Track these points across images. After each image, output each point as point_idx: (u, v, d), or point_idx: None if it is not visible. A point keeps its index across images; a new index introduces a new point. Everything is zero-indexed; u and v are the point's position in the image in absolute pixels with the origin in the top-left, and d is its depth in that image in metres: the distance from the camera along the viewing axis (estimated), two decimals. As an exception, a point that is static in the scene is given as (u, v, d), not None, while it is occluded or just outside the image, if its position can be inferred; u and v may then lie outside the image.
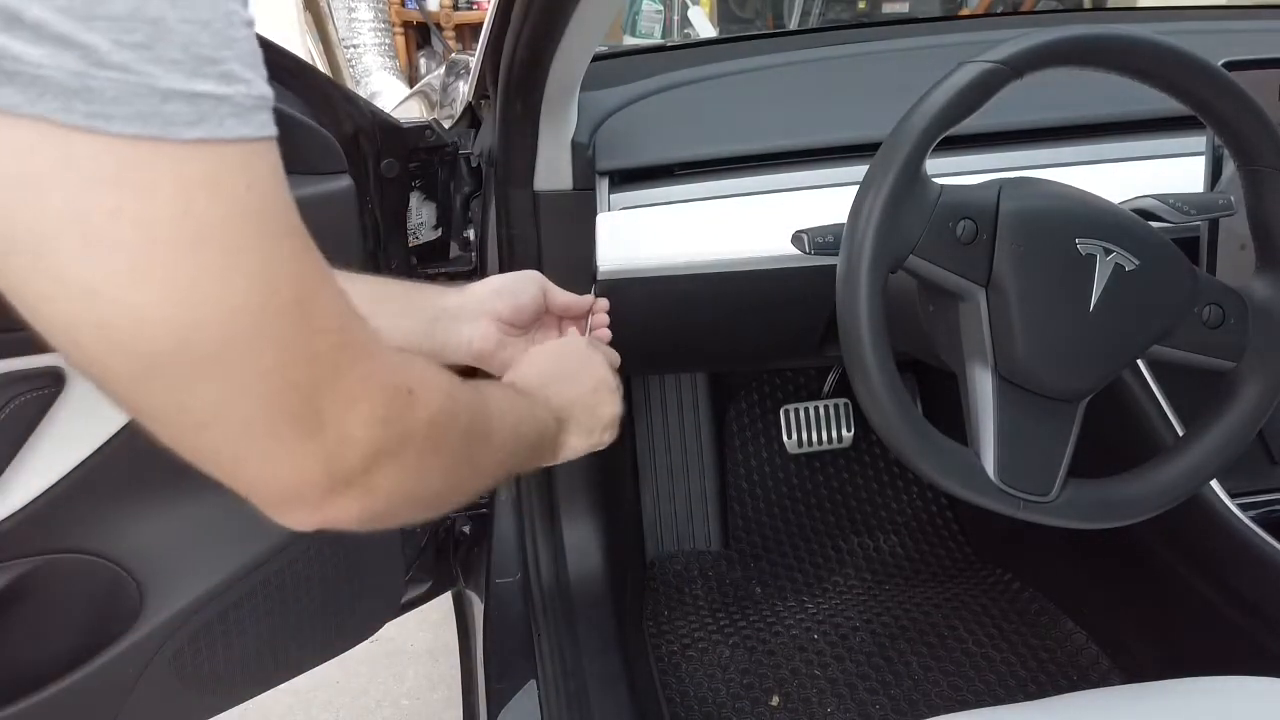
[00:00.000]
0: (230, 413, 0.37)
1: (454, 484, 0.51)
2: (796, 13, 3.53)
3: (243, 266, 0.35)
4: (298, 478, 0.40)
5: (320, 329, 0.38)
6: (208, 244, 0.34)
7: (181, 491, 0.89)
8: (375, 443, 0.41)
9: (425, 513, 0.49)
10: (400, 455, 0.43)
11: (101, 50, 0.30)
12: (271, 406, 0.37)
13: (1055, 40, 0.68)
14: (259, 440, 0.38)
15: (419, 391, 0.44)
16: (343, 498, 0.41)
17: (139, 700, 0.90)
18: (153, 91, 0.31)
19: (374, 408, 0.41)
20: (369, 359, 0.41)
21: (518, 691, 1.00)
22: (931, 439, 0.69)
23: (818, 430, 1.61)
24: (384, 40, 3.25)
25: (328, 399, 0.39)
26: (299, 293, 0.37)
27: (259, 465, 0.39)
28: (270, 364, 0.37)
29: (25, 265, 0.33)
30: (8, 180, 0.31)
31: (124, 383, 0.37)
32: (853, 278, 0.67)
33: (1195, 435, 0.75)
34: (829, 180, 0.96)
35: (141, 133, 0.31)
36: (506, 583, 1.14)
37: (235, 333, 0.35)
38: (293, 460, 0.39)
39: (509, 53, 0.86)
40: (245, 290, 0.35)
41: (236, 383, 0.36)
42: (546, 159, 0.96)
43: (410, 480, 0.45)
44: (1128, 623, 1.26)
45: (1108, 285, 0.71)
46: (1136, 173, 0.94)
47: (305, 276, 0.38)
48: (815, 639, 1.37)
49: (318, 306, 0.38)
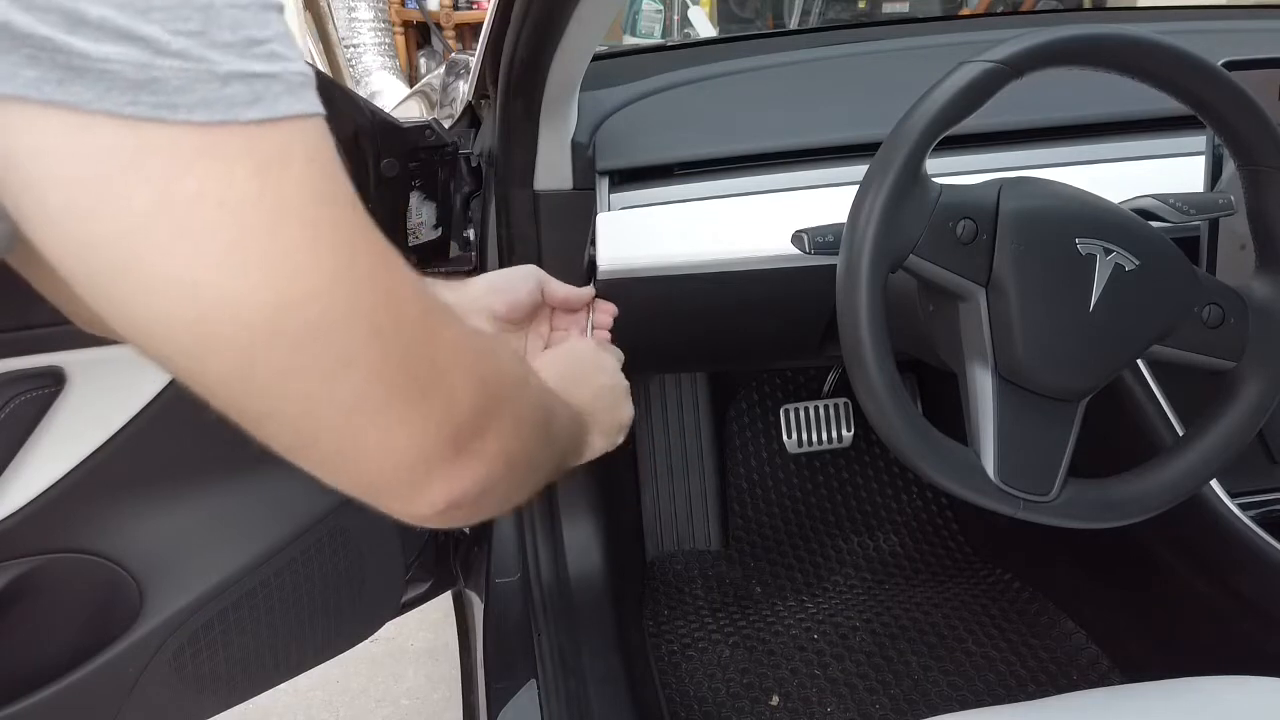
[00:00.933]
0: (338, 391, 0.37)
1: (538, 453, 0.51)
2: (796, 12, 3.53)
3: (324, 239, 0.35)
4: (418, 447, 0.39)
5: (403, 295, 0.38)
6: (288, 221, 0.34)
7: (181, 491, 0.89)
8: (477, 403, 0.41)
9: (521, 486, 0.49)
10: (498, 416, 0.43)
11: (161, 41, 0.31)
12: (375, 377, 0.37)
13: (1055, 40, 0.68)
14: (371, 415, 0.38)
15: (500, 356, 0.45)
16: (459, 466, 0.41)
17: (139, 700, 0.91)
18: (213, 76, 0.32)
19: (469, 367, 0.41)
20: (452, 321, 0.42)
21: (518, 691, 1.00)
22: (931, 439, 0.69)
23: (818, 430, 1.61)
24: (384, 40, 3.25)
25: (426, 363, 0.39)
26: (376, 260, 0.37)
27: (377, 443, 0.38)
28: (365, 334, 0.36)
29: (110, 266, 0.32)
30: (83, 182, 0.31)
31: (226, 377, 0.36)
32: (853, 277, 0.67)
33: (1195, 435, 0.75)
34: (829, 180, 0.96)
35: (208, 118, 0.32)
36: (506, 582, 1.14)
37: (328, 306, 0.35)
38: (408, 430, 0.39)
39: (509, 52, 0.86)
40: (331, 262, 0.35)
41: (337, 358, 0.36)
42: (546, 159, 0.96)
43: (512, 442, 0.45)
44: (1128, 622, 1.26)
45: (1108, 285, 0.71)
46: (1136, 172, 0.94)
47: (377, 245, 0.38)
48: (815, 638, 1.37)
49: (395, 273, 0.38)
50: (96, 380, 0.81)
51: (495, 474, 0.44)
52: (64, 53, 0.30)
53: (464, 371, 0.41)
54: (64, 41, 0.29)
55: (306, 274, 0.34)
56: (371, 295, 0.37)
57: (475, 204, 1.08)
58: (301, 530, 0.98)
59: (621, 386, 0.78)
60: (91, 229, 0.32)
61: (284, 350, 0.35)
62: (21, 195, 0.32)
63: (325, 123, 0.36)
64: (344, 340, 0.36)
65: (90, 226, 0.32)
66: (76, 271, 0.33)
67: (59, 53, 0.30)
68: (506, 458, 0.44)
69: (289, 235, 0.34)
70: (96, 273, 0.33)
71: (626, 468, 1.53)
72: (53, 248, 0.33)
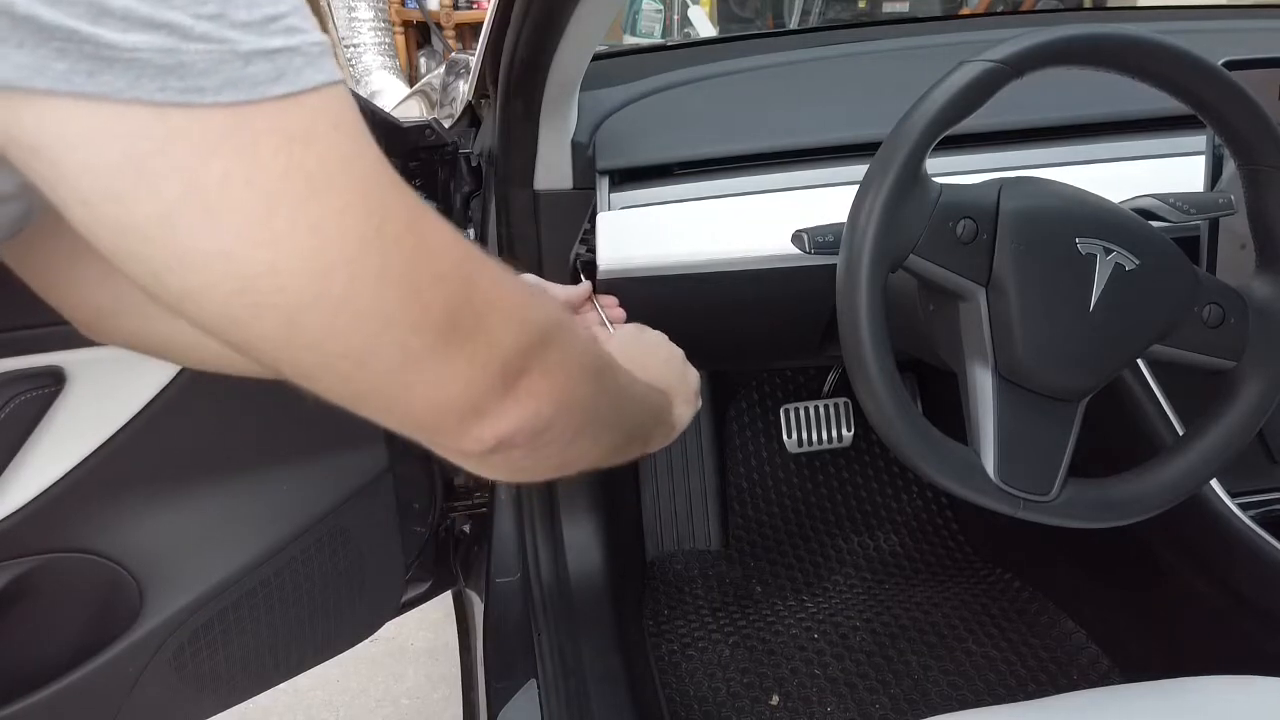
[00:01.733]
0: (383, 344, 0.38)
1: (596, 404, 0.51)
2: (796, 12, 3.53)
3: (354, 203, 0.36)
4: (462, 390, 0.41)
5: (436, 249, 0.39)
6: (317, 190, 0.35)
7: (181, 491, 0.89)
8: (519, 343, 0.42)
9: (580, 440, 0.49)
10: (543, 355, 0.44)
11: (184, 26, 0.31)
12: (416, 330, 0.38)
13: (1055, 39, 0.68)
14: (416, 365, 0.39)
15: (538, 297, 0.46)
16: (507, 404, 0.42)
17: (139, 699, 0.91)
18: (236, 56, 0.32)
19: (509, 311, 0.42)
20: (488, 265, 0.43)
21: (518, 690, 1.00)
22: (931, 438, 0.69)
23: (818, 430, 1.61)
24: (384, 39, 3.25)
25: (465, 310, 0.40)
26: (409, 218, 0.38)
27: (426, 388, 0.40)
28: (401, 294, 0.37)
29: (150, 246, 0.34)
30: (117, 168, 0.32)
31: (274, 343, 0.37)
32: (853, 277, 0.67)
33: (1195, 434, 0.75)
34: (829, 179, 0.96)
35: (235, 99, 0.32)
36: (506, 582, 1.14)
37: (364, 267, 0.36)
38: (455, 372, 0.40)
39: (509, 52, 0.86)
40: (363, 224, 0.36)
41: (379, 315, 0.37)
42: (546, 158, 0.96)
43: (562, 383, 0.45)
44: (1127, 622, 1.26)
45: (1108, 285, 0.71)
46: (1136, 172, 0.94)
47: (410, 203, 0.39)
48: (815, 638, 1.37)
49: (429, 228, 0.39)
50: (96, 380, 0.81)
51: (545, 413, 0.44)
52: (91, 43, 0.30)
53: (503, 314, 0.42)
54: (90, 33, 0.30)
55: (337, 241, 0.35)
56: (403, 255, 0.37)
57: (475, 203, 1.08)
58: (301, 530, 0.98)
59: (679, 355, 0.79)
60: (131, 211, 0.33)
61: (325, 313, 0.36)
62: (58, 186, 0.33)
63: (345, 88, 0.37)
64: (380, 301, 0.37)
65: (129, 209, 0.32)
66: (119, 251, 0.34)
67: (86, 44, 0.30)
68: (557, 396, 0.45)
69: (319, 205, 0.35)
70: (137, 253, 0.34)
71: (626, 467, 1.53)
72: (94, 232, 0.34)
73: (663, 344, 0.80)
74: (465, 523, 1.24)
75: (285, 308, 0.35)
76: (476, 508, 1.21)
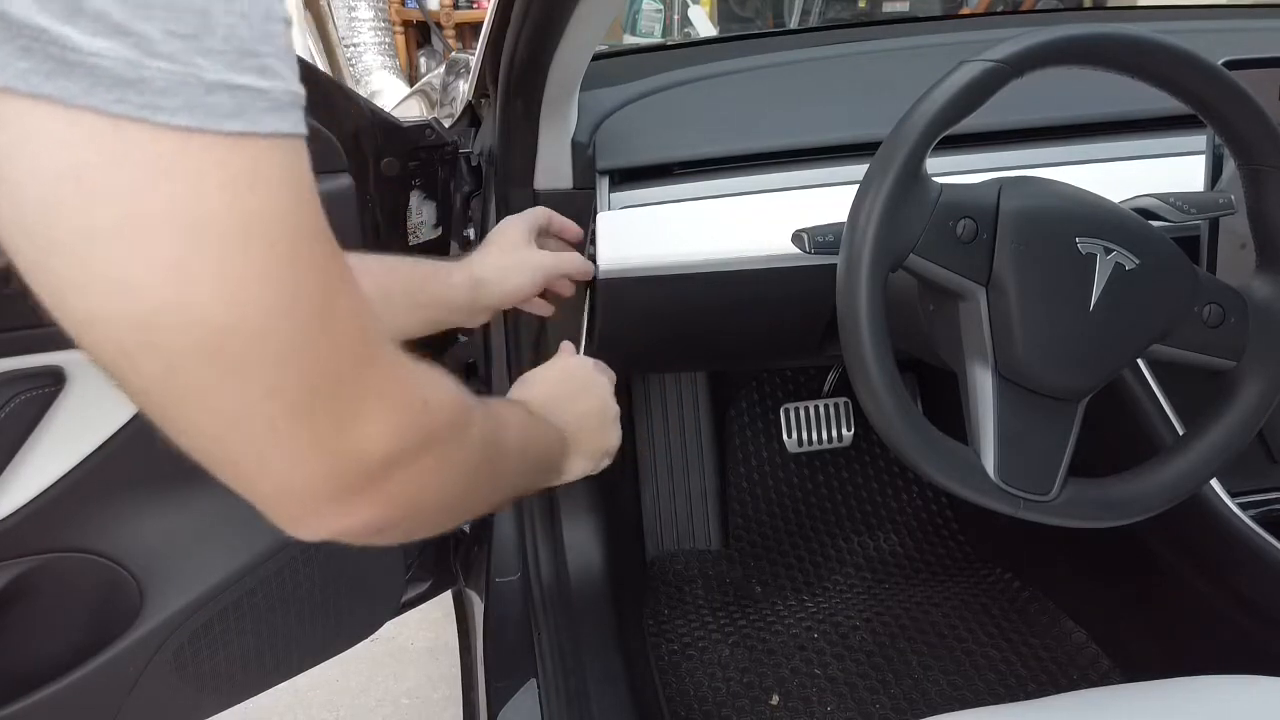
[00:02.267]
0: (254, 416, 0.37)
1: (463, 498, 0.51)
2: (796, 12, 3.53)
3: (283, 266, 0.35)
4: (313, 483, 0.39)
5: (345, 335, 0.38)
6: (252, 241, 0.34)
7: (181, 491, 0.89)
8: (389, 451, 0.41)
9: (432, 526, 0.49)
10: (411, 465, 0.43)
11: (154, 39, 0.30)
12: (294, 411, 0.37)
13: (1055, 39, 0.68)
14: (279, 445, 0.38)
15: (434, 403, 0.44)
16: (354, 505, 0.41)
17: (139, 698, 0.91)
18: (199, 83, 0.31)
19: (390, 416, 0.41)
20: (388, 368, 0.41)
21: (518, 690, 1.00)
22: (931, 438, 0.69)
23: (818, 429, 1.61)
24: (384, 39, 3.25)
25: (347, 406, 0.39)
26: (329, 296, 0.37)
27: (277, 470, 0.39)
28: (297, 367, 0.36)
29: (71, 258, 0.32)
30: (55, 173, 0.31)
31: (152, 382, 0.36)
32: (853, 277, 0.67)
33: (1195, 434, 0.75)
34: (829, 179, 0.96)
35: (189, 124, 0.31)
36: (507, 581, 1.14)
37: (270, 334, 0.35)
38: (309, 465, 0.39)
39: (509, 52, 0.86)
40: (284, 290, 0.35)
41: (264, 385, 0.36)
42: (546, 158, 0.96)
43: (420, 491, 0.44)
44: (1127, 622, 1.26)
45: (1108, 284, 0.71)
46: (1137, 172, 0.94)
47: (336, 280, 0.38)
48: (815, 638, 1.37)
49: (344, 311, 0.38)
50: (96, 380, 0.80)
51: (394, 516, 0.43)
52: (57, 44, 0.29)
53: (387, 416, 0.41)
54: (59, 33, 0.29)
55: (254, 300, 0.34)
56: (308, 334, 0.36)
57: (475, 203, 1.08)
58: (301, 530, 0.98)
59: (612, 411, 0.78)
60: (59, 223, 0.31)
61: (213, 369, 0.35)
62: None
63: (306, 146, 0.36)
64: (270, 371, 0.36)
65: (59, 220, 0.31)
66: (32, 262, 0.33)
67: (52, 44, 0.29)
68: (414, 502, 0.44)
69: (247, 257, 0.34)
70: (50, 267, 0.33)
71: (626, 467, 1.53)
72: (10, 235, 0.32)
73: (598, 393, 0.78)
74: (465, 522, 1.24)
75: (174, 352, 0.34)
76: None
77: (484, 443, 0.51)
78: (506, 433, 0.56)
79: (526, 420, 0.63)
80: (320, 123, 0.85)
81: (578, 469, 0.74)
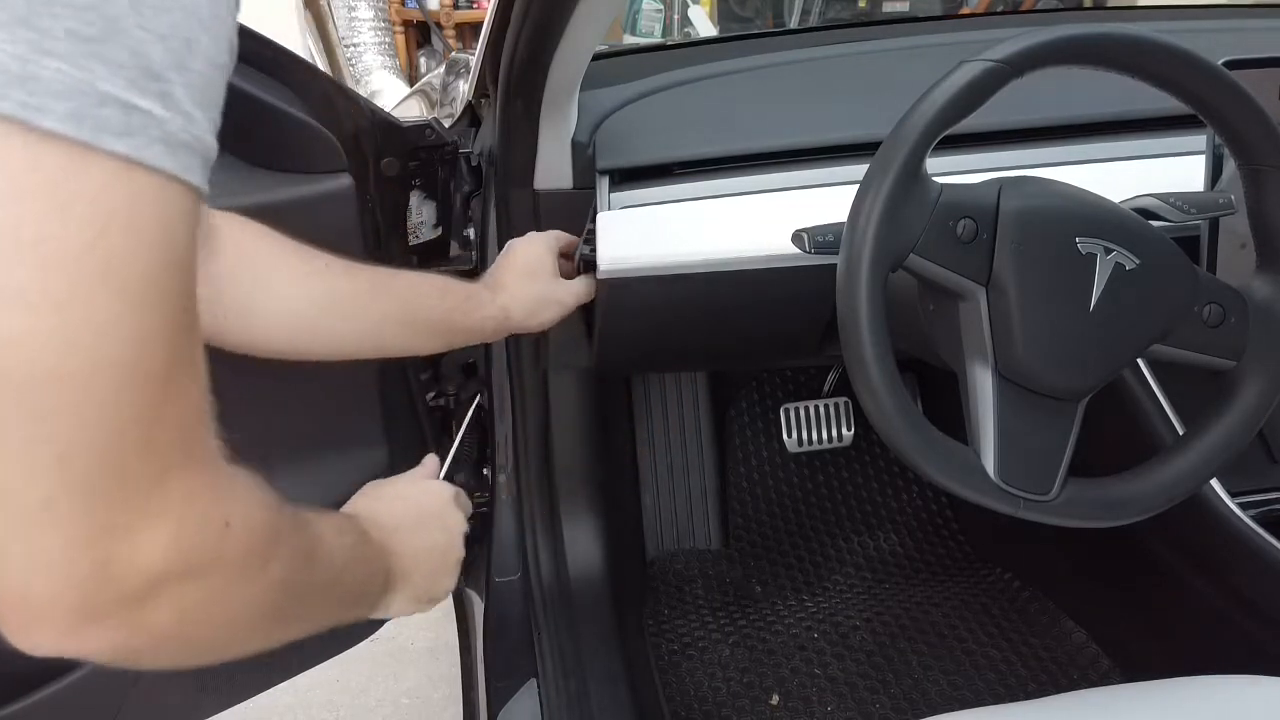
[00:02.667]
0: (30, 480, 0.31)
1: (240, 638, 0.44)
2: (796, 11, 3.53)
3: (130, 321, 0.31)
4: (55, 588, 0.33)
5: (170, 420, 0.34)
6: (107, 285, 0.30)
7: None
8: (161, 571, 0.35)
9: (197, 660, 0.42)
10: (183, 593, 0.36)
11: (54, 36, 0.28)
12: (75, 490, 0.32)
13: (1055, 39, 0.68)
14: (35, 528, 0.32)
15: (238, 527, 0.38)
16: (98, 626, 0.35)
17: (139, 698, 0.90)
18: (92, 91, 0.29)
19: (179, 530, 0.35)
20: (202, 473, 0.36)
21: (518, 690, 1.00)
22: (931, 438, 0.69)
23: (818, 429, 1.61)
24: (384, 39, 3.25)
25: (135, 502, 0.33)
26: (169, 371, 0.33)
27: (15, 561, 0.32)
28: (104, 438, 0.32)
29: None
30: None
31: None
32: (853, 277, 0.67)
33: (1195, 434, 0.75)
34: (829, 179, 0.96)
35: (74, 134, 0.29)
36: (507, 581, 1.14)
37: (91, 391, 0.31)
38: (60, 566, 0.32)
39: (509, 52, 0.86)
40: (124, 348, 0.31)
41: (60, 446, 0.31)
42: (546, 158, 0.96)
43: (184, 625, 0.38)
44: (1127, 622, 1.26)
45: (1108, 284, 0.71)
46: (1137, 171, 0.94)
47: (183, 357, 0.34)
48: (815, 638, 1.37)
49: (179, 394, 0.34)
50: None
51: (144, 647, 0.37)
52: None
53: (175, 529, 0.35)
54: None
55: (85, 350, 0.30)
56: (134, 406, 0.32)
57: (475, 203, 1.08)
58: (301, 529, 0.98)
59: (455, 554, 0.72)
60: None
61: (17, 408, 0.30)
62: None
63: (199, 205, 0.33)
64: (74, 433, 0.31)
65: None
66: None
67: None
68: (170, 635, 0.37)
69: (92, 303, 0.30)
70: None
71: (627, 467, 1.53)
72: None
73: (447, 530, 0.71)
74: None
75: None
76: (477, 507, 1.21)
77: (285, 580, 0.44)
78: (318, 565, 0.49)
79: (352, 547, 0.56)
80: (320, 123, 0.85)
81: (395, 609, 0.66)
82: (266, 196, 0.83)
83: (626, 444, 1.52)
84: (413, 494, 0.72)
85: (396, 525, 0.65)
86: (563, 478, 1.21)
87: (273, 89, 0.84)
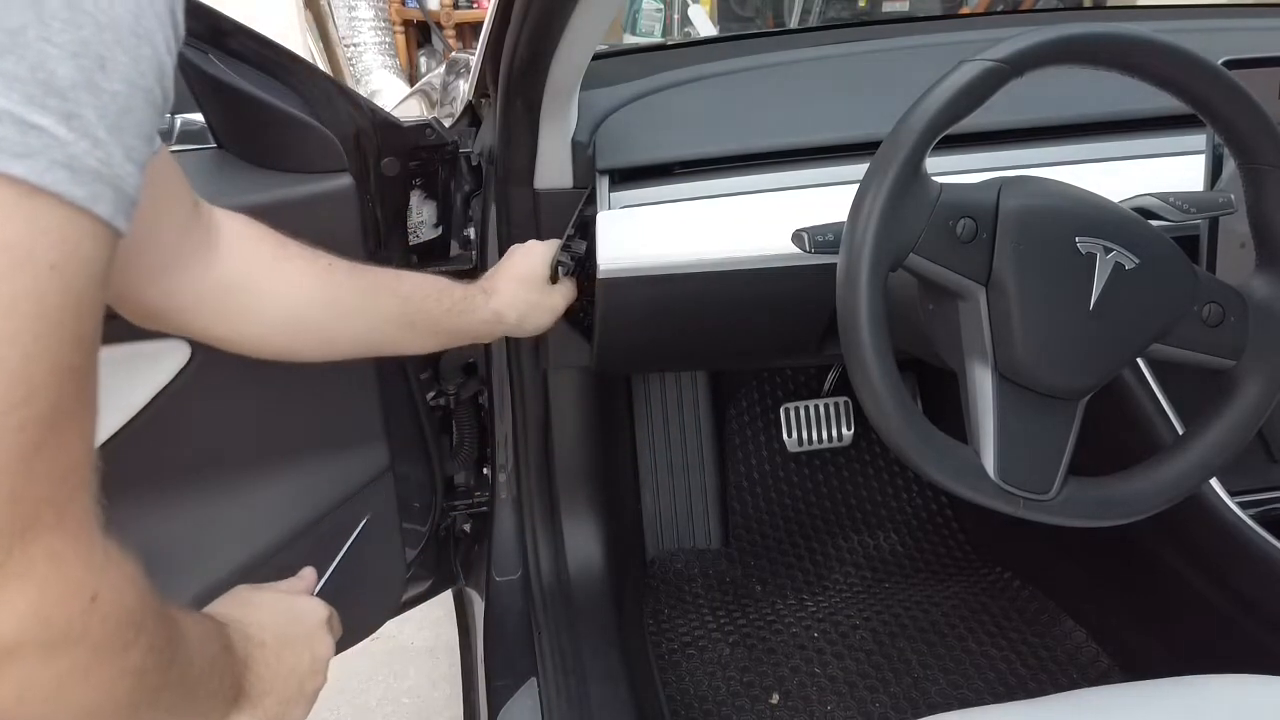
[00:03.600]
0: None
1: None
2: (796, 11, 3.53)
3: (13, 357, 0.28)
4: None
5: (49, 473, 0.31)
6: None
7: (181, 490, 0.89)
8: (11, 640, 0.32)
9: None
10: (32, 668, 0.33)
11: None
12: None
13: (1055, 39, 0.68)
14: None
15: (104, 602, 0.36)
16: None
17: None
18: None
19: (40, 598, 0.32)
20: (75, 537, 0.33)
21: (518, 689, 1.00)
22: (931, 437, 0.69)
23: (818, 429, 1.61)
24: (384, 39, 3.25)
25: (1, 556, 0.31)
26: (55, 419, 0.31)
27: None
28: None
29: None
30: None
31: None
32: (853, 276, 0.67)
33: (1195, 433, 0.75)
34: (829, 179, 0.96)
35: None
36: (507, 580, 1.14)
37: None
38: None
39: (509, 52, 0.86)
40: (10, 388, 0.29)
41: None
42: (547, 158, 0.96)
43: (26, 704, 0.34)
44: (1127, 621, 1.26)
45: (1108, 284, 0.71)
46: (1136, 171, 0.94)
47: (70, 405, 0.31)
48: (815, 637, 1.37)
49: (61, 445, 0.31)
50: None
51: None
52: None
53: (37, 596, 0.32)
54: None
55: None
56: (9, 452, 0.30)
57: (475, 203, 1.08)
58: (301, 529, 0.98)
59: (315, 684, 0.66)
60: None
61: None
62: None
63: (106, 244, 0.30)
64: None
65: None
66: None
67: None
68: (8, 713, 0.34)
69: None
70: None
71: (627, 467, 1.53)
72: None
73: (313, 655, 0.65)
74: (466, 522, 1.24)
75: None
76: (477, 507, 1.21)
77: (140, 671, 0.40)
78: (176, 664, 0.45)
79: (214, 656, 0.52)
80: (321, 122, 0.85)
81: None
82: (267, 196, 0.83)
83: (626, 443, 1.52)
84: (284, 609, 0.66)
85: (262, 640, 0.60)
86: (563, 477, 1.21)
87: (273, 89, 0.84)
